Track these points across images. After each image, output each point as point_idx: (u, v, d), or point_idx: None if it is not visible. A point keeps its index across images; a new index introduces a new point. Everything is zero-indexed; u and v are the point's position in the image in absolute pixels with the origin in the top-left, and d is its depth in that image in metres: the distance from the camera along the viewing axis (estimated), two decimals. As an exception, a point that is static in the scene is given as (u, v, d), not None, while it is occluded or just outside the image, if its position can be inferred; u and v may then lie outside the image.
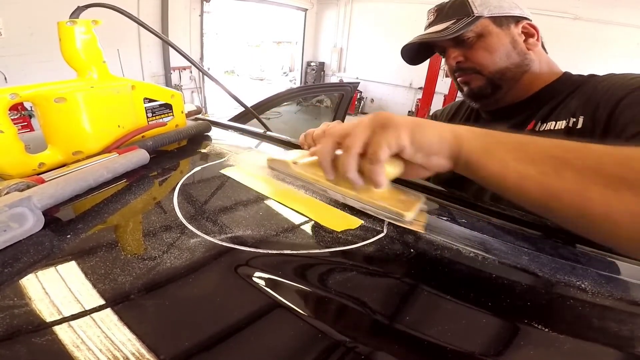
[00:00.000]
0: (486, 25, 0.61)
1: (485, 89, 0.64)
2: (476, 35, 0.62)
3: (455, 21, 0.62)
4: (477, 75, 0.64)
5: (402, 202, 0.38)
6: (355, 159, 0.33)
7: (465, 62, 0.64)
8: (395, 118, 0.33)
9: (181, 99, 0.61)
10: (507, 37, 0.62)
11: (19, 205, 0.30)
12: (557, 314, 0.27)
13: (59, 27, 0.46)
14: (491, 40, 0.61)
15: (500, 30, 0.62)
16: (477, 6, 0.61)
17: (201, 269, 0.29)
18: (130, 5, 4.00)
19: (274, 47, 9.64)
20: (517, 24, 0.63)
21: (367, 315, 0.25)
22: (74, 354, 0.20)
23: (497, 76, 0.62)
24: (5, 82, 3.36)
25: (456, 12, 0.62)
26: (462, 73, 0.66)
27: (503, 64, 0.62)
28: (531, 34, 0.63)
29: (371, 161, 0.32)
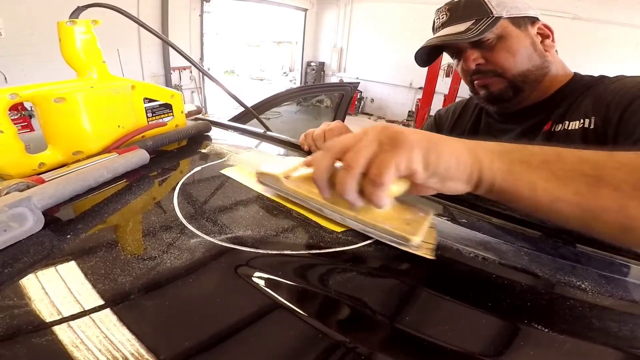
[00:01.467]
0: (506, 27, 0.59)
1: (506, 92, 0.62)
2: (496, 36, 0.59)
3: (475, 21, 0.59)
4: (498, 78, 0.61)
5: (407, 223, 0.33)
6: (356, 179, 0.29)
7: (486, 65, 0.62)
8: (407, 135, 0.29)
9: (181, 99, 0.61)
10: (527, 38, 0.60)
11: (19, 205, 0.30)
12: (557, 314, 0.27)
13: (59, 27, 0.46)
14: (512, 42, 0.59)
15: (520, 31, 0.60)
16: (494, 6, 0.58)
17: (201, 269, 0.29)
18: (130, 5, 4.00)
19: (274, 47, 9.63)
20: (533, 24, 0.61)
21: (367, 316, 0.25)
22: (74, 354, 0.20)
23: (519, 79, 0.60)
24: (5, 82, 3.36)
25: (474, 12, 0.60)
26: (482, 76, 0.63)
27: (525, 67, 0.60)
28: (546, 35, 0.62)
29: (374, 183, 0.28)
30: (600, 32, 4.24)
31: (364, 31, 6.63)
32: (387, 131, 0.29)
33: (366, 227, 0.34)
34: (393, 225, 0.33)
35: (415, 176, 0.29)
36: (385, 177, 0.28)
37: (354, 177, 0.29)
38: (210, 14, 5.46)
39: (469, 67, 0.63)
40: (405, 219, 0.34)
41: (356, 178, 0.29)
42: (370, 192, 0.29)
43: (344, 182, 0.29)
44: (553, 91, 0.61)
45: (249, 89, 8.03)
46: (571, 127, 0.56)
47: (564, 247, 0.35)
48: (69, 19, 0.46)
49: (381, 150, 0.29)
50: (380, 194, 0.29)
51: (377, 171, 0.28)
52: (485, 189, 0.30)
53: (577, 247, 0.36)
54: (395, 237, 0.32)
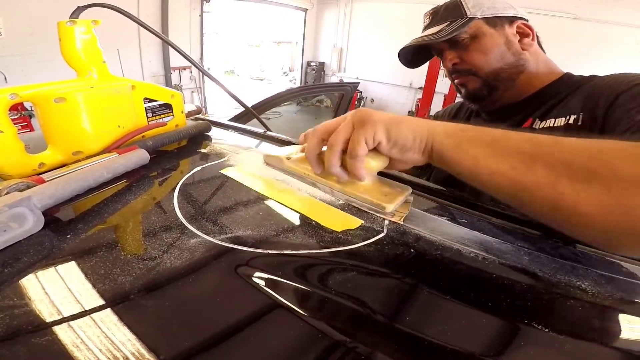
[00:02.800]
0: (480, 27, 0.62)
1: (481, 90, 0.64)
2: (470, 36, 0.62)
3: (449, 23, 0.62)
4: (473, 77, 0.64)
5: (385, 195, 0.39)
6: (338, 155, 0.36)
7: (461, 64, 0.65)
8: (374, 114, 0.35)
9: (181, 99, 0.61)
10: (500, 37, 0.62)
11: (19, 205, 0.30)
12: (557, 314, 0.27)
13: (59, 27, 0.46)
14: (485, 41, 0.62)
15: (494, 30, 0.62)
16: (469, 8, 0.61)
17: (201, 269, 0.29)
18: (130, 5, 4.01)
19: (274, 47, 9.63)
20: (511, 24, 0.63)
21: (367, 315, 0.25)
22: (74, 354, 0.20)
23: (491, 77, 0.63)
24: (5, 82, 3.37)
25: (450, 14, 0.63)
26: (459, 75, 0.66)
27: (497, 65, 0.62)
28: (526, 34, 0.63)
29: (351, 156, 0.35)
30: (600, 32, 4.24)
31: (364, 31, 6.64)
32: (359, 113, 0.36)
33: (350, 198, 0.40)
34: (372, 195, 0.39)
35: (381, 147, 0.35)
36: (359, 150, 0.34)
37: (335, 153, 0.36)
38: (210, 14, 5.46)
39: (447, 67, 0.67)
40: (384, 192, 0.40)
41: (337, 154, 0.36)
42: (350, 165, 0.35)
43: (328, 159, 0.36)
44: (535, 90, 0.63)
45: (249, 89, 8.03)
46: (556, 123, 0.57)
47: (564, 247, 0.35)
48: (69, 19, 0.46)
49: (354, 129, 0.35)
50: (357, 165, 0.35)
51: (351, 146, 0.35)
52: (437, 160, 0.35)
53: (577, 247, 0.36)
54: (373, 205, 0.38)
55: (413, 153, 0.35)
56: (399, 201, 0.39)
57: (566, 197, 0.27)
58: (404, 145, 0.35)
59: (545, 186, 0.27)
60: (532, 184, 0.28)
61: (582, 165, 0.27)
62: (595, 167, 0.26)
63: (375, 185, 0.41)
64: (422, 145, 0.35)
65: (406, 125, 0.35)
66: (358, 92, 6.55)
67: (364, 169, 0.36)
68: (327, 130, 0.37)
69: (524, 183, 0.29)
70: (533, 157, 0.29)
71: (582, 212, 0.26)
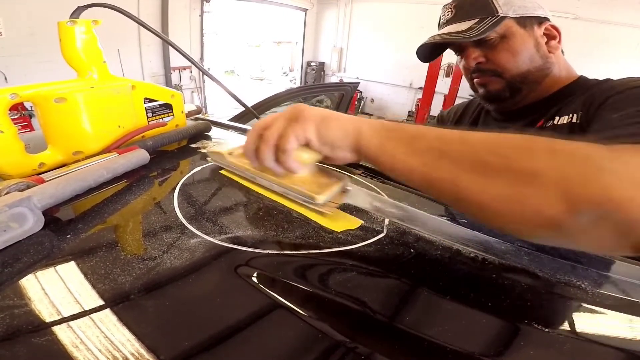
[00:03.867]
0: (510, 26, 0.59)
1: (503, 92, 0.62)
2: (499, 36, 0.59)
3: (478, 20, 0.59)
4: (496, 78, 0.62)
5: (318, 186, 0.39)
6: (271, 150, 0.36)
7: (486, 64, 0.62)
8: (306, 111, 0.36)
9: (181, 99, 0.61)
10: (530, 39, 0.59)
11: (19, 205, 0.30)
12: (557, 314, 0.27)
13: (59, 27, 0.46)
14: (515, 42, 0.59)
15: (525, 31, 0.59)
16: (501, 5, 0.58)
17: (201, 269, 0.29)
18: (130, 5, 4.00)
19: (274, 47, 9.63)
20: (540, 25, 0.60)
21: (367, 316, 0.25)
22: (74, 354, 0.20)
23: (518, 79, 0.60)
24: (5, 82, 3.37)
25: (479, 10, 0.59)
26: (481, 74, 0.63)
27: (525, 67, 0.60)
28: (553, 36, 0.61)
29: (281, 151, 0.36)
30: (601, 32, 4.24)
31: (364, 31, 6.63)
32: (294, 110, 0.37)
33: (286, 190, 0.40)
34: (305, 187, 0.39)
35: (311, 144, 0.36)
36: (287, 145, 0.35)
37: (269, 148, 0.36)
38: (210, 14, 5.46)
39: (469, 65, 0.63)
40: (319, 183, 0.40)
41: (271, 149, 0.36)
42: (280, 159, 0.36)
43: (262, 152, 0.37)
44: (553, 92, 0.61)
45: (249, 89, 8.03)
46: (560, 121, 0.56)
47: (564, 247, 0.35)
48: (69, 19, 0.46)
49: (286, 125, 0.36)
50: (287, 159, 0.36)
51: (280, 141, 0.36)
52: (365, 158, 0.36)
53: (577, 247, 0.36)
54: (304, 197, 0.39)
55: (342, 151, 0.36)
56: (332, 192, 0.39)
57: (467, 190, 0.28)
58: (333, 143, 0.36)
59: (447, 181, 0.29)
60: (438, 180, 0.30)
61: (482, 160, 0.28)
62: (492, 161, 0.28)
63: (312, 176, 0.41)
64: (351, 143, 0.35)
65: (336, 124, 0.36)
66: (358, 92, 6.55)
67: (295, 162, 0.36)
68: (264, 125, 0.38)
69: (430, 178, 0.31)
70: (441, 154, 0.30)
71: (481, 203, 0.28)
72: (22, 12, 3.41)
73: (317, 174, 0.42)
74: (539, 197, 0.25)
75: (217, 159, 0.48)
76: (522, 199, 0.26)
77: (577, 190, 0.24)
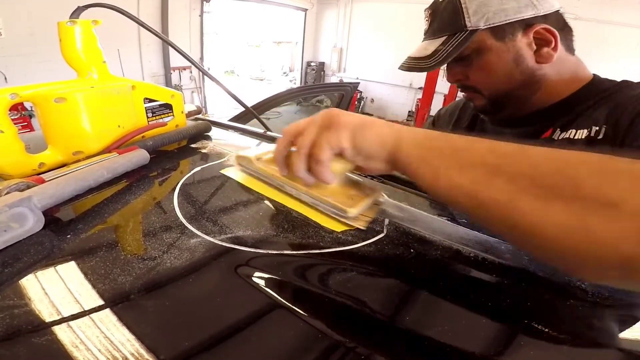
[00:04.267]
0: (483, 40, 0.51)
1: (487, 108, 0.58)
2: (474, 50, 0.52)
3: (446, 39, 0.52)
4: (478, 94, 0.57)
5: (350, 198, 0.37)
6: (304, 159, 0.34)
7: (466, 81, 0.57)
8: (341, 117, 0.33)
9: (181, 99, 0.61)
10: (508, 52, 0.51)
11: (19, 205, 0.30)
12: (557, 314, 0.27)
13: (59, 28, 0.46)
14: (489, 59, 0.52)
15: (502, 44, 0.51)
16: (471, 15, 0.50)
17: (201, 269, 0.29)
18: (130, 5, 4.00)
19: (274, 47, 9.63)
20: (526, 31, 0.50)
21: (367, 316, 0.25)
22: (73, 354, 0.20)
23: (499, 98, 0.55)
24: (5, 82, 3.37)
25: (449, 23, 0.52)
26: (465, 90, 0.60)
27: (503, 86, 0.53)
28: (546, 41, 0.51)
29: (314, 161, 0.33)
30: (601, 32, 4.24)
31: (364, 31, 6.63)
32: (326, 115, 0.34)
33: (315, 200, 0.38)
34: (336, 199, 0.37)
35: (345, 153, 0.33)
36: (321, 155, 0.33)
37: (301, 157, 0.34)
38: (210, 14, 5.46)
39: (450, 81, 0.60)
40: (350, 194, 0.38)
41: (303, 158, 0.34)
42: (313, 169, 0.34)
43: (294, 162, 0.35)
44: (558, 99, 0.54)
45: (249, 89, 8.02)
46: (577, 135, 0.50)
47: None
48: (69, 19, 0.46)
49: (320, 132, 0.33)
50: (320, 169, 0.33)
51: (314, 151, 0.33)
52: (401, 171, 0.33)
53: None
54: (335, 209, 0.36)
55: (377, 162, 0.33)
56: (364, 205, 0.37)
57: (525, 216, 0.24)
58: (368, 153, 0.33)
59: (504, 203, 0.25)
60: (489, 201, 0.26)
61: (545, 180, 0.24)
62: (558, 182, 0.23)
63: (343, 187, 0.39)
64: (387, 154, 0.32)
65: (373, 132, 0.33)
66: (358, 92, 6.55)
67: (330, 173, 0.34)
68: (296, 131, 0.35)
69: (480, 198, 0.26)
70: (495, 170, 0.26)
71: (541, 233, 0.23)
72: (22, 12, 3.41)
73: (348, 184, 0.39)
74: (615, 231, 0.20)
75: (245, 163, 0.46)
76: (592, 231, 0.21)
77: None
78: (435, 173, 0.29)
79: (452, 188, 0.28)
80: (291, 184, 0.40)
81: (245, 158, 0.46)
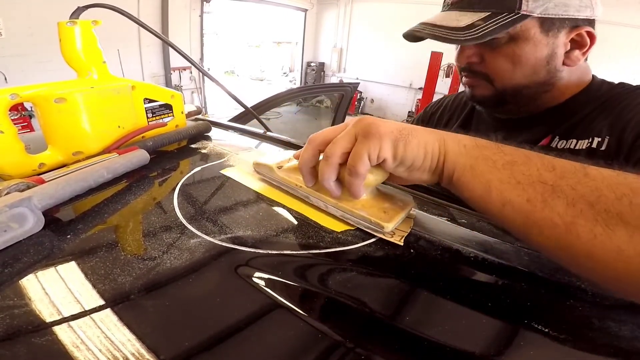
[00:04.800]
0: (528, 29, 0.47)
1: (488, 100, 0.54)
2: (509, 37, 0.47)
3: (487, 16, 0.46)
4: (486, 83, 0.53)
5: (384, 211, 0.34)
6: (334, 169, 0.32)
7: (479, 65, 0.52)
8: (381, 125, 0.30)
9: (181, 100, 0.61)
10: (546, 48, 0.48)
11: (19, 205, 0.30)
12: (557, 314, 0.27)
13: (59, 28, 0.46)
14: (523, 49, 0.48)
15: (544, 37, 0.47)
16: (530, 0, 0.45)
17: (201, 269, 0.29)
18: (130, 5, 4.01)
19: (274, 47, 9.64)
20: (572, 30, 0.48)
21: (367, 316, 0.25)
22: (74, 354, 0.20)
23: (509, 92, 0.52)
24: (5, 83, 3.37)
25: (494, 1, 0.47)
26: (471, 75, 0.54)
27: (522, 81, 0.50)
28: (582, 45, 0.49)
29: (350, 173, 0.31)
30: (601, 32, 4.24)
31: (364, 31, 6.64)
32: (362, 123, 0.31)
33: (345, 214, 0.36)
34: (370, 212, 0.34)
35: (385, 164, 0.30)
36: (360, 167, 0.30)
37: (330, 166, 0.31)
38: (210, 14, 5.47)
39: (459, 62, 0.55)
40: (383, 207, 0.35)
41: (333, 168, 0.32)
42: (348, 181, 0.31)
43: (322, 172, 0.32)
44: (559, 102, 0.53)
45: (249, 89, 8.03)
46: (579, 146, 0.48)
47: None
48: (69, 19, 0.46)
49: (357, 141, 0.30)
50: (356, 182, 0.31)
51: (352, 162, 0.30)
52: (446, 183, 0.31)
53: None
54: (370, 224, 0.34)
55: (422, 173, 0.31)
56: (400, 218, 0.35)
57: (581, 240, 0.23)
58: (412, 164, 0.30)
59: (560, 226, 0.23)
60: (545, 222, 0.24)
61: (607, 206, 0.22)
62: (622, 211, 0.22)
63: (374, 199, 0.36)
64: (433, 165, 0.30)
65: (417, 141, 0.30)
66: (358, 93, 6.55)
67: (362, 185, 0.32)
68: (324, 140, 0.33)
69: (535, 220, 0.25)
70: (554, 190, 0.24)
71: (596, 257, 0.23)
72: (22, 12, 3.42)
73: (379, 196, 0.37)
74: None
75: (265, 172, 0.44)
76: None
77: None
78: (487, 186, 0.27)
79: (505, 204, 0.26)
80: (318, 196, 0.37)
81: (266, 166, 0.43)
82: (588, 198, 0.23)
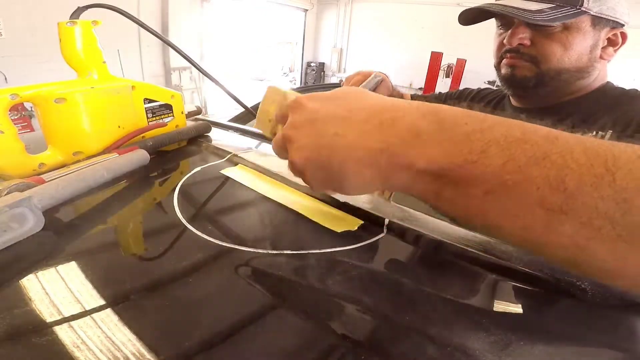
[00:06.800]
0: (582, 22, 0.54)
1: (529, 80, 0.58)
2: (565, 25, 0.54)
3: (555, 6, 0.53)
4: (530, 64, 0.57)
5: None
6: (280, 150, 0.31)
7: (529, 47, 0.57)
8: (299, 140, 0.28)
9: (181, 100, 0.61)
10: (591, 39, 0.55)
11: (19, 205, 0.30)
12: (556, 314, 0.27)
13: (59, 28, 0.46)
14: (574, 37, 0.54)
15: (592, 30, 0.55)
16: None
17: (201, 269, 0.29)
18: (130, 5, 4.01)
19: (274, 48, 9.64)
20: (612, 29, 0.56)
21: (367, 315, 0.25)
22: (74, 354, 0.20)
23: (552, 73, 0.56)
24: (5, 83, 3.37)
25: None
26: (516, 55, 0.58)
27: (566, 65, 0.56)
28: (615, 44, 0.58)
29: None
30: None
31: (364, 31, 6.64)
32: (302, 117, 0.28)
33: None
34: None
35: None
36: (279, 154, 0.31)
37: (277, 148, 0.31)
38: (210, 14, 5.47)
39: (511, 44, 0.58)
40: None
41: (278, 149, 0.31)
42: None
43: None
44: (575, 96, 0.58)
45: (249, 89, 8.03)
46: None
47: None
48: (69, 19, 0.46)
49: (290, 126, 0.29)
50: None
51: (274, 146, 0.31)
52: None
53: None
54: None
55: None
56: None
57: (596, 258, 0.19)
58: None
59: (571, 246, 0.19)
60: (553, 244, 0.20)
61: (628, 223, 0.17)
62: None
63: None
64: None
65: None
66: (358, 93, 6.54)
67: None
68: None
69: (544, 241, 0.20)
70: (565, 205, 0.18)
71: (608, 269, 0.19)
72: (22, 12, 3.42)
73: None
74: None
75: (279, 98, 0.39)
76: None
77: None
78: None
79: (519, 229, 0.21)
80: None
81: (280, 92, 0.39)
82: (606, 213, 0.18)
